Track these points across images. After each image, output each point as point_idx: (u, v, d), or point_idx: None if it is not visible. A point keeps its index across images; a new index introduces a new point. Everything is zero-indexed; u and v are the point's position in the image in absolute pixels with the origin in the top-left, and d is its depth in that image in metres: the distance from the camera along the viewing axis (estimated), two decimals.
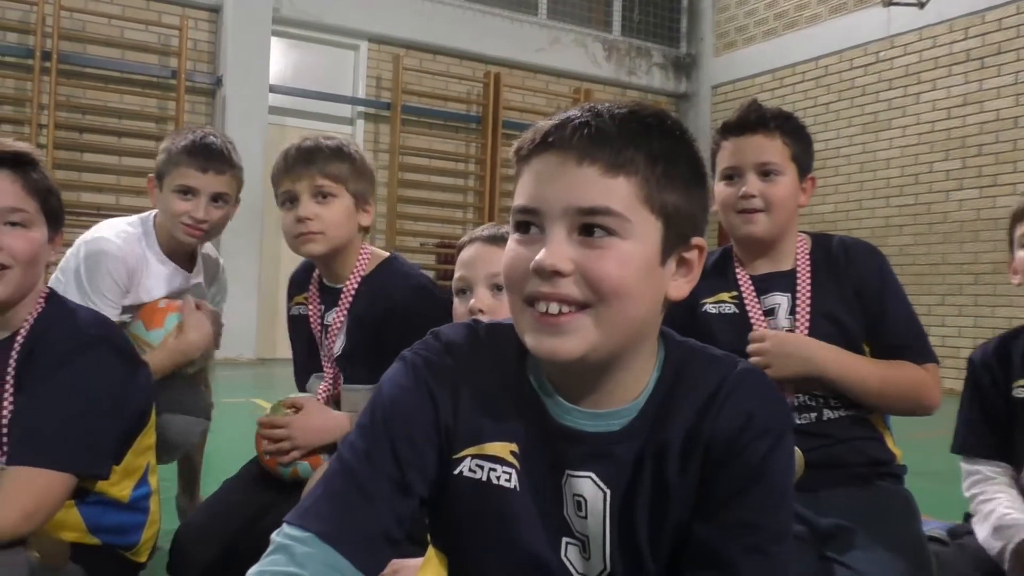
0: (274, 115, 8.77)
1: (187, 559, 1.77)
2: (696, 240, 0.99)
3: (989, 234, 7.81)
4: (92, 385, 1.52)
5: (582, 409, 1.00)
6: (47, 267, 1.64)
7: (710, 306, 1.83)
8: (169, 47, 8.41)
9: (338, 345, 1.94)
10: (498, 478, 1.01)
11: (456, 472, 1.02)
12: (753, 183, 1.77)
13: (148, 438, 1.70)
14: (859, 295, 1.77)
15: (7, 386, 1.53)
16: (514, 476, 1.01)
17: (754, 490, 0.95)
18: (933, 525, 1.96)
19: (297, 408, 1.88)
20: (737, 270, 1.84)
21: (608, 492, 0.99)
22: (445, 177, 9.83)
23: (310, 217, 1.85)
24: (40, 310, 1.60)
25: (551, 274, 0.91)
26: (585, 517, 1.00)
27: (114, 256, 2.14)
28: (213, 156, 2.15)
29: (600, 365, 0.97)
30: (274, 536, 0.96)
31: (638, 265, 0.92)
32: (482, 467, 1.02)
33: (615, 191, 0.91)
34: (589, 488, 1.00)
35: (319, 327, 1.99)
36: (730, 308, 1.81)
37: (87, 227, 2.27)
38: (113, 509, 1.63)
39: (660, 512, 0.99)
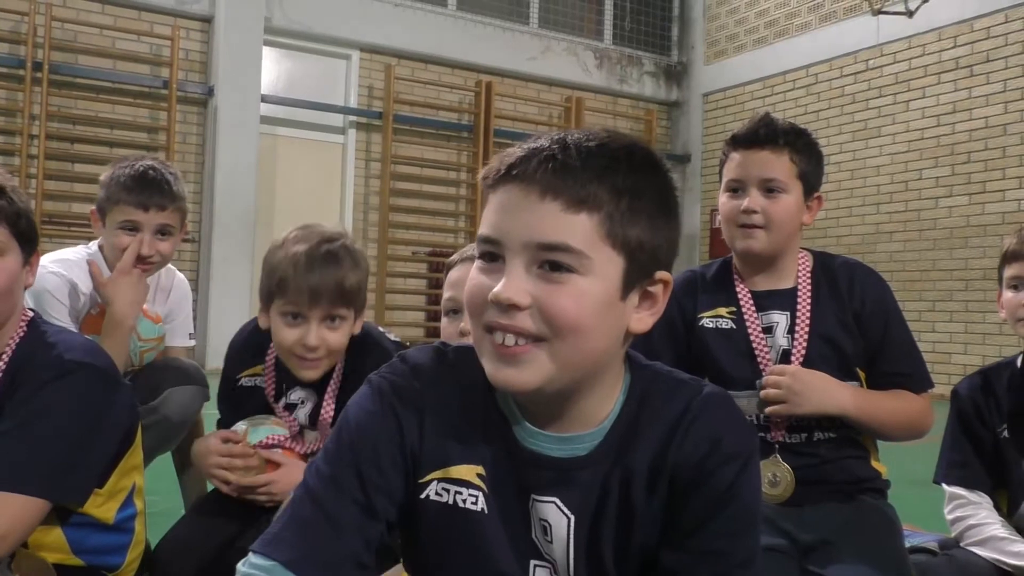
0: (266, 125, 8.77)
1: (166, 574, 1.75)
2: (660, 274, 0.98)
3: (979, 240, 7.85)
4: (70, 411, 1.50)
5: (547, 433, 1.00)
6: (25, 288, 1.61)
7: (707, 320, 1.81)
8: (161, 57, 8.40)
9: (306, 417, 1.84)
10: (464, 501, 1.01)
11: (423, 496, 1.02)
12: (756, 198, 1.74)
13: (133, 459, 1.68)
14: (859, 318, 1.75)
15: None
16: (481, 499, 1.00)
17: (722, 516, 0.96)
18: (925, 538, 1.96)
19: (275, 464, 1.79)
20: (737, 285, 1.82)
21: (572, 518, 0.99)
22: (437, 186, 9.83)
23: (318, 345, 1.72)
24: (22, 335, 1.57)
25: (508, 306, 0.91)
26: (551, 542, 1.00)
27: (57, 285, 2.13)
28: (154, 192, 2.14)
29: (560, 394, 0.97)
30: (239, 566, 0.95)
31: (596, 301, 0.92)
32: (448, 490, 1.01)
33: (576, 228, 0.91)
34: (553, 513, 1.00)
35: (272, 398, 1.87)
36: (727, 323, 1.79)
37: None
38: (98, 530, 1.61)
39: (626, 537, 0.99)
